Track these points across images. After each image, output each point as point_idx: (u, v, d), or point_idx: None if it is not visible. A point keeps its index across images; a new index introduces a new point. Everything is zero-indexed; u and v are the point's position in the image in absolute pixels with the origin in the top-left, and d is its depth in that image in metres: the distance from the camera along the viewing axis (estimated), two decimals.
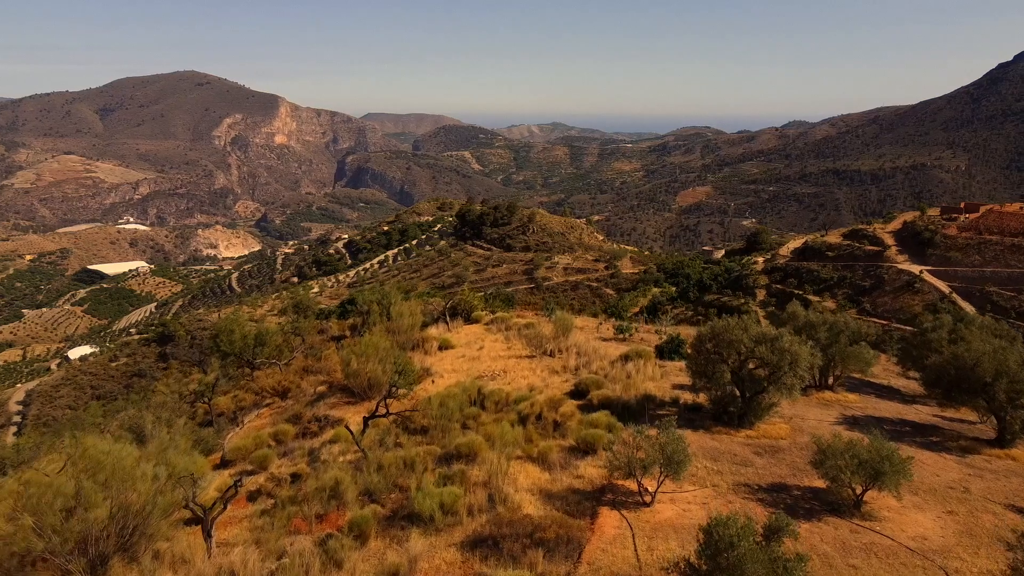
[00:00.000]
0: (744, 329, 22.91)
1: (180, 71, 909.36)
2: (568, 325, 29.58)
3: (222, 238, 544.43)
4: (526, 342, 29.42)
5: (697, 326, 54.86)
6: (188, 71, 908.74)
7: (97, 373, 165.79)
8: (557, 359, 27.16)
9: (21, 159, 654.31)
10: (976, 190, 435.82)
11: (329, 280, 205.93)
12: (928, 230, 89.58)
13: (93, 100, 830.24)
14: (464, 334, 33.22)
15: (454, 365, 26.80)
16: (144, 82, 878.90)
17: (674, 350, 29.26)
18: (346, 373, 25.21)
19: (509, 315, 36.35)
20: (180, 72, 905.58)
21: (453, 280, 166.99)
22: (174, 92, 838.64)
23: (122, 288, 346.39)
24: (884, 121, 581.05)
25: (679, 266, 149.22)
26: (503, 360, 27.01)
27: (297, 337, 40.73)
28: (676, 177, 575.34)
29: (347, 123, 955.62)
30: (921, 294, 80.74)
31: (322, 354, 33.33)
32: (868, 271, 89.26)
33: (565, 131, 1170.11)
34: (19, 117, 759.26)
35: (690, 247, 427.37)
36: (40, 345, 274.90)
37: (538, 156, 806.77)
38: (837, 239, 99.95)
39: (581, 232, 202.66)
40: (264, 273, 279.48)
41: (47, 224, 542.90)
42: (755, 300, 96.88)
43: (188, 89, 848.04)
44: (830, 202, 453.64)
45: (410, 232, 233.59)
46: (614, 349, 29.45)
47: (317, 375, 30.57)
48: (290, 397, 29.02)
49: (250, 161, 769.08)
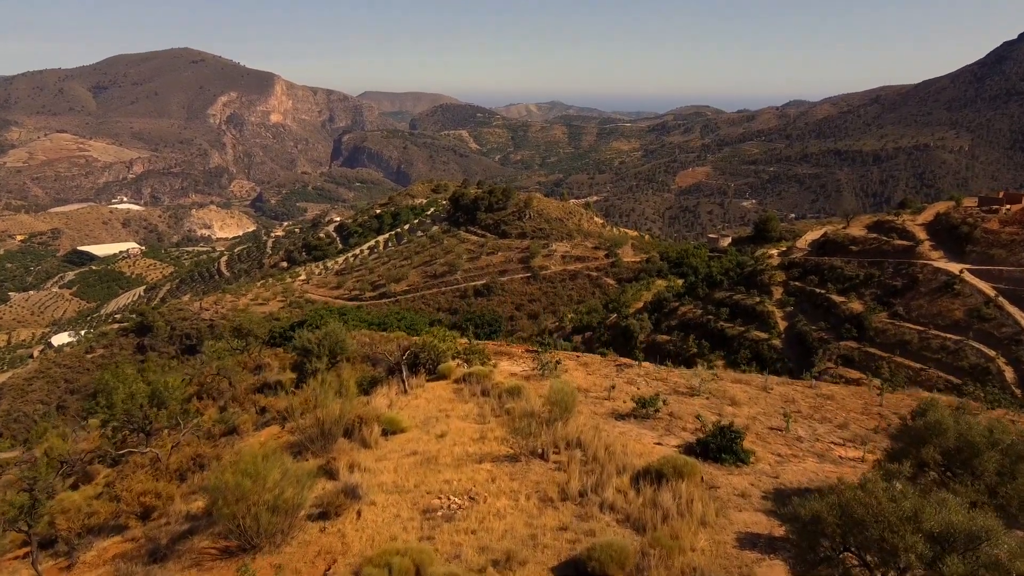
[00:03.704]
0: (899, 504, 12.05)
1: (174, 48, 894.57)
2: (568, 402, 20.77)
3: (216, 218, 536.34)
4: (509, 428, 20.83)
5: (733, 367, 45.95)
6: (182, 48, 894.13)
7: (72, 366, 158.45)
8: (551, 464, 18.59)
9: (13, 137, 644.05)
10: (979, 171, 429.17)
11: (317, 267, 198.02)
12: (966, 223, 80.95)
13: (86, 78, 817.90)
14: (424, 401, 24.42)
15: (397, 474, 18.27)
16: (138, 60, 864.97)
17: (726, 447, 19.67)
18: (212, 508, 16.36)
19: (488, 368, 27.56)
20: (175, 49, 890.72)
21: (445, 269, 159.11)
22: (168, 70, 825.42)
23: (112, 270, 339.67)
24: (886, 101, 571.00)
25: (683, 255, 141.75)
26: (471, 466, 18.33)
27: (223, 380, 32.27)
28: (675, 157, 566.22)
29: (343, 101, 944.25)
30: (962, 297, 72.58)
31: (241, 419, 24.97)
32: (899, 269, 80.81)
33: (563, 110, 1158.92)
34: (11, 95, 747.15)
35: (689, 229, 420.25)
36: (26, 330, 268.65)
37: (536, 135, 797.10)
38: (861, 231, 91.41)
39: (580, 217, 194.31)
40: (253, 257, 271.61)
41: (40, 204, 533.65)
42: (771, 299, 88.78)
43: (183, 67, 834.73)
44: (831, 183, 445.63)
45: (402, 216, 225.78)
46: (636, 443, 20.72)
47: (206, 470, 21.72)
48: (153, 520, 19.08)
49: (245, 140, 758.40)
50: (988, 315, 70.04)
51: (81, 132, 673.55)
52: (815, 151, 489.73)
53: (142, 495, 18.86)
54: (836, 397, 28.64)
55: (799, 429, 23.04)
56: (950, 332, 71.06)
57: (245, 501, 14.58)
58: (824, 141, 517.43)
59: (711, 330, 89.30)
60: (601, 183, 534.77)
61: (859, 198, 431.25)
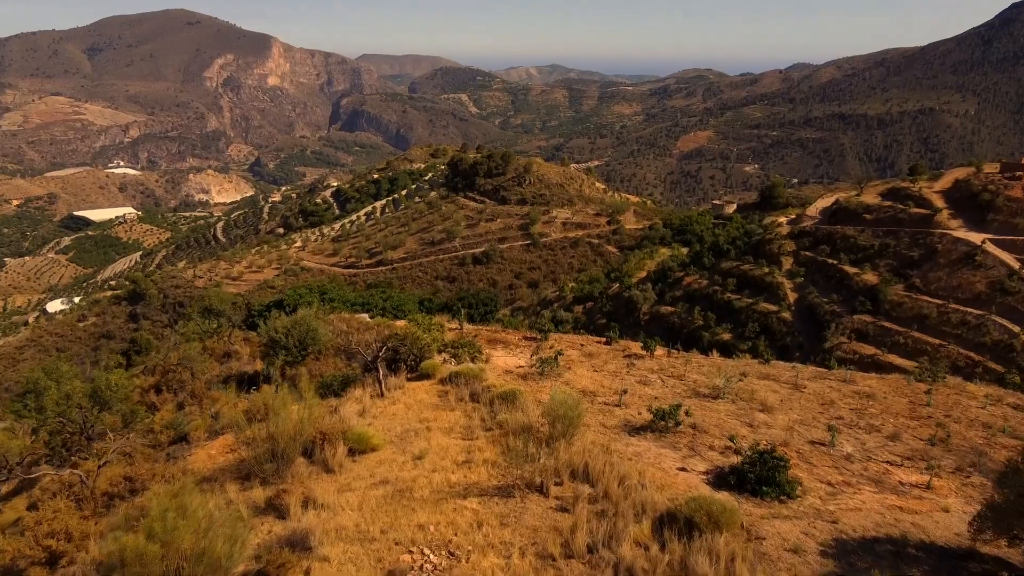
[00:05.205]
0: None
1: (169, 9, 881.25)
2: (572, 416, 17.15)
3: (214, 183, 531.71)
4: (501, 447, 17.24)
5: (741, 341, 41.11)
6: (178, 9, 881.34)
7: (64, 334, 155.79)
8: (552, 502, 14.99)
9: (8, 100, 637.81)
10: (985, 136, 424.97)
11: (313, 233, 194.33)
12: (987, 191, 76.89)
13: (80, 39, 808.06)
14: (403, 407, 20.75)
15: (362, 513, 14.33)
16: (133, 21, 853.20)
17: (768, 478, 15.62)
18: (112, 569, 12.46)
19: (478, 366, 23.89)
20: (170, 10, 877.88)
21: (443, 236, 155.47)
22: (164, 31, 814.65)
23: (108, 236, 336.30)
24: (891, 64, 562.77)
25: (687, 222, 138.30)
26: (453, 503, 14.67)
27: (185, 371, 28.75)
28: (677, 121, 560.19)
29: (342, 64, 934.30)
30: (983, 269, 68.95)
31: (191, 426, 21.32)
32: (916, 239, 77.01)
33: (564, 73, 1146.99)
34: (5, 57, 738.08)
35: (691, 194, 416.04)
36: (22, 296, 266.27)
37: (536, 99, 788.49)
38: (875, 199, 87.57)
39: (581, 183, 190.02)
40: (250, 223, 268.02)
41: (35, 168, 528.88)
42: (781, 270, 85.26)
43: (178, 29, 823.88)
44: (835, 148, 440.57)
45: (400, 181, 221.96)
46: (655, 469, 17.11)
47: (139, 495, 16.37)
48: (60, 569, 14.80)
49: (242, 103, 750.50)
50: (1012, 288, 66.29)
51: (76, 95, 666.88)
52: (819, 115, 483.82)
53: (49, 536, 15.28)
54: (877, 395, 25.11)
55: (845, 443, 19.52)
56: (971, 306, 67.40)
57: (152, 572, 11.13)
58: (828, 105, 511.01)
59: (717, 302, 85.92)
60: (602, 147, 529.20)
61: (863, 163, 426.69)
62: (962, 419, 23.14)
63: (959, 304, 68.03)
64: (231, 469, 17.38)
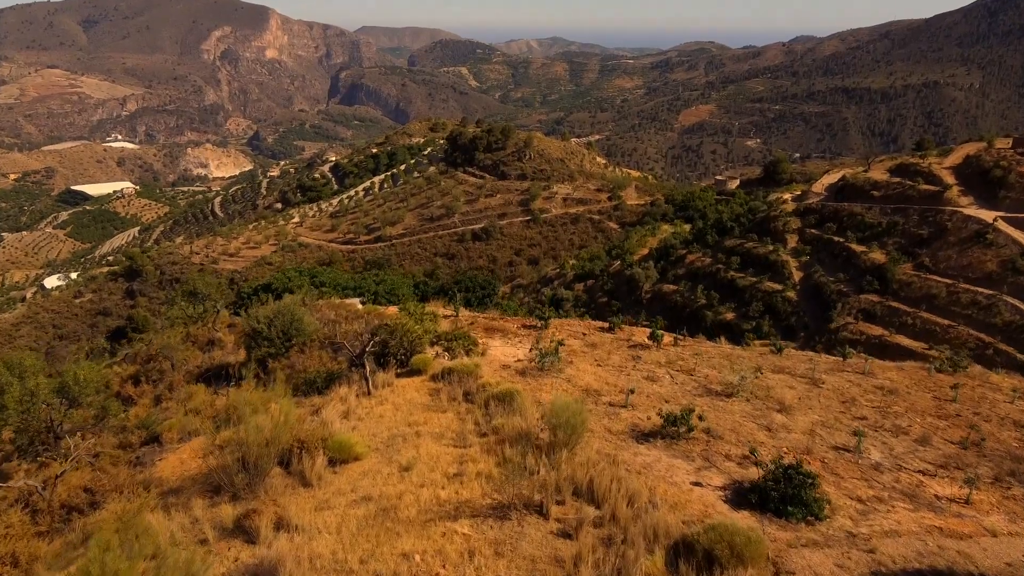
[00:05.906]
0: None
1: None
2: (575, 422, 15.56)
3: (212, 157, 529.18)
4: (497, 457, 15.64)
5: (745, 320, 39.51)
6: None
7: (60, 311, 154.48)
8: (553, 525, 13.34)
9: (4, 73, 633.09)
10: (990, 110, 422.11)
11: (311, 209, 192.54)
12: (999, 167, 74.87)
13: (76, 11, 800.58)
14: (391, 408, 19.14)
15: (340, 537, 12.53)
16: None
17: (794, 496, 13.88)
18: None
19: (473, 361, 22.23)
20: None
21: (442, 211, 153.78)
22: (160, 3, 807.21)
23: (106, 210, 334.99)
24: (896, 36, 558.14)
25: (689, 198, 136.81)
26: (443, 526, 13.07)
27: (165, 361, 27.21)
28: (679, 95, 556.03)
29: (340, 37, 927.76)
30: (995, 247, 67.21)
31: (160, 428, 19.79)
32: (925, 216, 75.20)
33: (565, 46, 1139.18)
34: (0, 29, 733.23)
35: (692, 168, 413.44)
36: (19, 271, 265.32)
37: (537, 72, 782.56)
38: (883, 175, 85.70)
39: (582, 158, 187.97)
40: (248, 198, 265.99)
41: (32, 141, 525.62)
42: (785, 248, 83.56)
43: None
44: (838, 122, 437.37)
45: (399, 156, 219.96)
46: (667, 483, 15.49)
47: (100, 509, 15.13)
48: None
49: (240, 76, 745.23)
50: None
51: (72, 67, 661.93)
52: (822, 88, 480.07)
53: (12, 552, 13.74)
54: (900, 391, 23.52)
55: (872, 449, 17.93)
56: (982, 286, 65.67)
57: None
58: (831, 78, 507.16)
59: (721, 280, 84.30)
60: (603, 122, 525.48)
61: (866, 137, 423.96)
62: (992, 417, 21.56)
63: (969, 284, 66.36)
64: (200, 479, 15.83)
